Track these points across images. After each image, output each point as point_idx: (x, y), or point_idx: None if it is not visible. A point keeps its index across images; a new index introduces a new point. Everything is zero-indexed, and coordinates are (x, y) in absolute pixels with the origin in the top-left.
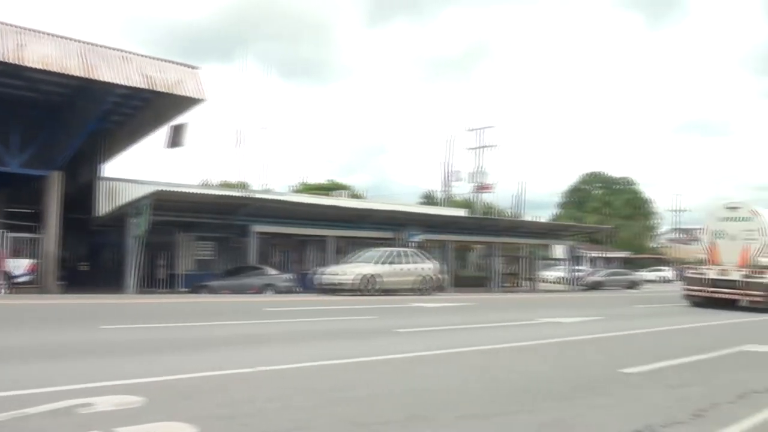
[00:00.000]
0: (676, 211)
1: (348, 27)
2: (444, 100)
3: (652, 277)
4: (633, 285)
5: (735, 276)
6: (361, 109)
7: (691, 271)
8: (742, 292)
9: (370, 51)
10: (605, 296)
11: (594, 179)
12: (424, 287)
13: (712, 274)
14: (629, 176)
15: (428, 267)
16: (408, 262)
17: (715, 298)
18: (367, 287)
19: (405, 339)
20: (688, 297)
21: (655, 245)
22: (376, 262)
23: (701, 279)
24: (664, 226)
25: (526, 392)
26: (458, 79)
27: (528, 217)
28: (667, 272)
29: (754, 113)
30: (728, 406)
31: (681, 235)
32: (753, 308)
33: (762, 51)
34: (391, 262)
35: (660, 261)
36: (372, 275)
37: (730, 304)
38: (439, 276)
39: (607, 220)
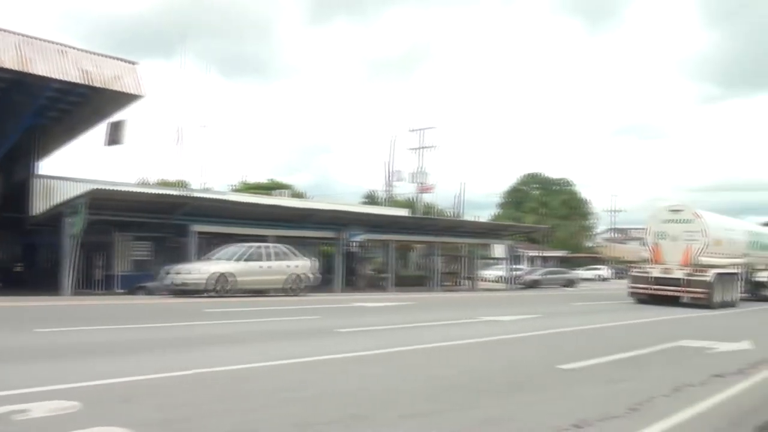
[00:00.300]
0: (612, 211)
1: (290, 25)
2: (386, 101)
3: (589, 276)
4: (570, 283)
5: (678, 274)
6: (303, 108)
7: (635, 269)
8: (684, 289)
9: (313, 50)
10: (543, 294)
11: (532, 180)
12: (294, 287)
13: (655, 272)
14: (567, 177)
15: (299, 265)
16: (274, 259)
17: (658, 295)
18: (219, 288)
19: (347, 339)
20: (633, 294)
21: (591, 244)
22: (234, 260)
23: (645, 277)
24: (601, 225)
25: (465, 390)
26: (400, 80)
27: (468, 217)
28: (603, 271)
29: (690, 118)
30: (663, 399)
31: (617, 235)
32: (694, 304)
33: (699, 58)
34: (251, 259)
35: (596, 260)
36: (226, 274)
37: (672, 301)
38: (312, 275)
39: (545, 220)
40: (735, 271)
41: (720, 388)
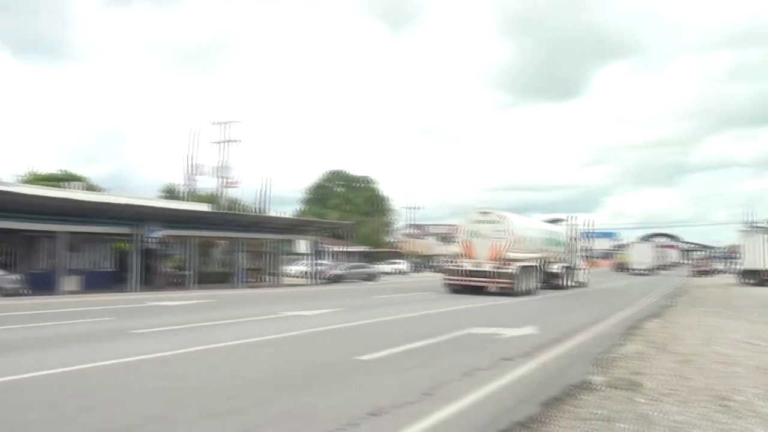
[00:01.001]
0: (411, 208)
1: (86, 4)
2: (188, 92)
3: (389, 270)
4: (371, 277)
5: (487, 267)
6: (99, 95)
7: (450, 263)
8: (492, 280)
9: (110, 33)
10: (346, 288)
11: (336, 177)
12: None
13: (468, 266)
14: (369, 175)
15: None
16: None
17: (470, 285)
18: None
19: (143, 340)
20: (447, 285)
21: (391, 240)
22: None
23: (459, 270)
24: (400, 221)
25: (266, 385)
26: (203, 72)
27: (273, 213)
28: (402, 265)
29: (485, 122)
30: (455, 384)
31: (415, 231)
32: (501, 293)
33: (494, 67)
34: None
35: (396, 254)
36: None
37: (482, 290)
38: None
39: (348, 216)
40: (534, 264)
41: (508, 370)
